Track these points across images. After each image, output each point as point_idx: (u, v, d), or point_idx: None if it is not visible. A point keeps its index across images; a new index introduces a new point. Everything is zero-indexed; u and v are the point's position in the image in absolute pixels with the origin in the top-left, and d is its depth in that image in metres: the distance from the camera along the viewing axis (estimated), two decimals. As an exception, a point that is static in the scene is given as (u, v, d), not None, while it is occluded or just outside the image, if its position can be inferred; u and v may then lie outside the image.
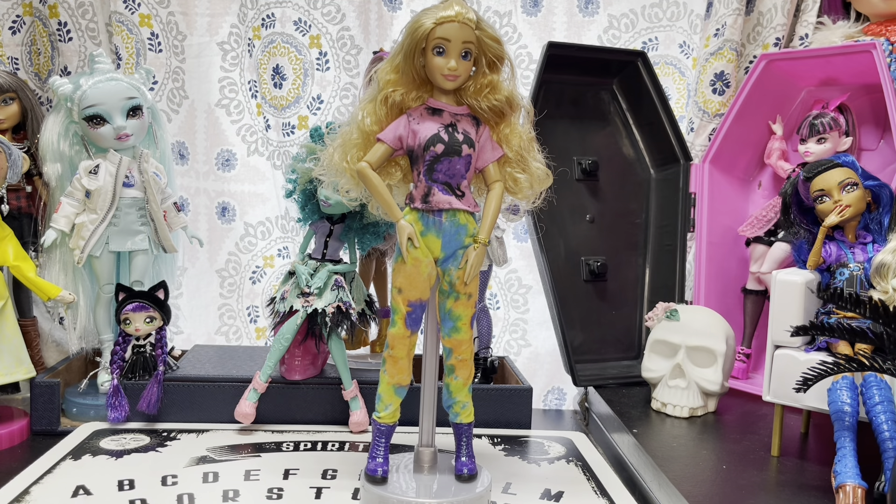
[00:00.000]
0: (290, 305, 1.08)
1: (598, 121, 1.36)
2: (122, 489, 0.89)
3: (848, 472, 0.82)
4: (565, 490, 0.93)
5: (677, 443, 1.03)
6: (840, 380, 0.88)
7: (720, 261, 1.36)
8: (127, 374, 1.12)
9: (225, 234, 1.52)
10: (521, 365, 1.50)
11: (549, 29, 1.51)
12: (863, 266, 0.95)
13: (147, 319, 1.13)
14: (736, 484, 0.90)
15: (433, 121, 0.82)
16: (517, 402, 1.14)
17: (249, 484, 0.91)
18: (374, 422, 0.88)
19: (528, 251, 1.50)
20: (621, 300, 1.36)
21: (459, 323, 0.85)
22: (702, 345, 1.13)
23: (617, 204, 1.37)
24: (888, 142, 1.22)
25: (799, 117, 1.27)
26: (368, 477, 0.86)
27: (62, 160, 1.16)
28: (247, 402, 1.08)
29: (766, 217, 1.29)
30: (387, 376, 0.86)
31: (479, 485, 0.87)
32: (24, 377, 1.10)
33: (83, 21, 1.37)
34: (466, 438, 0.89)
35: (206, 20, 1.45)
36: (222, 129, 1.49)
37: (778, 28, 1.40)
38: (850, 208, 0.95)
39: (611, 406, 1.16)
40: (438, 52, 0.79)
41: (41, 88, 1.40)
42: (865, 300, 0.73)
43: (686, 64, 1.53)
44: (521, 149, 0.85)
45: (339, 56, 1.51)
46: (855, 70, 1.19)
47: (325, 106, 1.52)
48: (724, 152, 1.33)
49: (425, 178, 0.82)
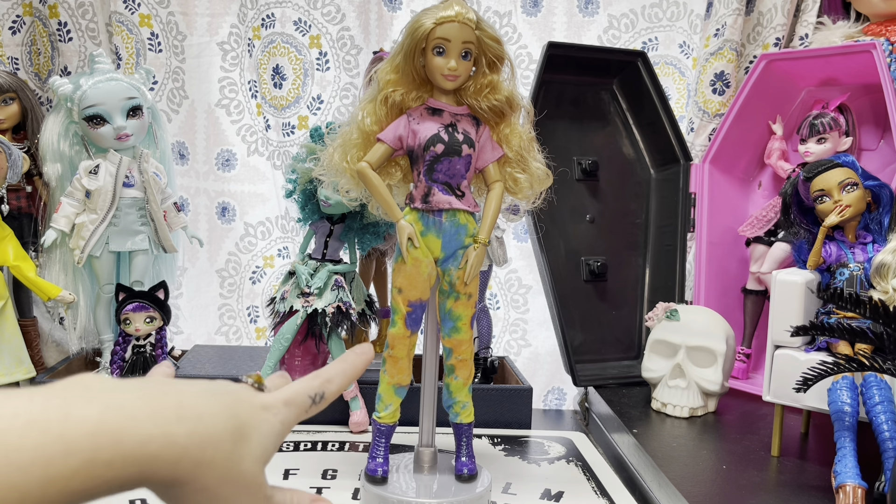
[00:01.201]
0: (290, 305, 1.08)
1: (598, 121, 1.36)
2: (122, 489, 0.89)
3: (848, 472, 0.82)
4: (565, 490, 0.93)
5: (677, 443, 1.03)
6: (840, 380, 0.88)
7: (720, 261, 1.36)
8: (127, 374, 1.12)
9: (225, 234, 1.52)
10: (521, 365, 1.50)
11: (549, 29, 1.51)
12: (863, 266, 0.95)
13: (147, 319, 1.13)
14: (736, 484, 0.90)
15: (433, 121, 0.82)
16: (517, 402, 1.14)
17: (249, 484, 0.91)
18: (374, 422, 0.88)
19: (528, 251, 1.50)
20: (621, 300, 1.36)
21: (459, 323, 0.85)
22: (702, 345, 1.13)
23: (617, 204, 1.37)
24: (888, 142, 1.22)
25: (799, 117, 1.27)
26: (368, 477, 0.86)
27: (62, 160, 1.16)
28: (247, 402, 1.07)
29: (766, 217, 1.29)
30: (387, 376, 0.86)
31: (480, 485, 0.87)
32: (24, 377, 1.10)
33: (83, 21, 1.37)
34: (466, 438, 0.89)
35: (206, 20, 1.45)
36: (222, 129, 1.49)
37: (778, 28, 1.40)
38: (850, 208, 0.95)
39: (611, 406, 1.16)
40: (438, 52, 0.79)
41: (41, 88, 1.40)
42: (865, 300, 0.73)
43: (686, 64, 1.53)
44: (521, 149, 0.85)
45: (339, 56, 1.51)
46: (855, 70, 1.19)
47: (325, 106, 1.52)
48: (724, 152, 1.33)
49: (425, 178, 0.82)
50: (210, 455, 0.36)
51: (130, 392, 0.35)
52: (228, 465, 0.38)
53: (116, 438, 0.32)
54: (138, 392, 0.35)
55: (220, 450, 0.37)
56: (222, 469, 0.37)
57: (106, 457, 0.32)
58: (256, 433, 0.40)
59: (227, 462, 0.37)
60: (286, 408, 0.42)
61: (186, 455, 0.35)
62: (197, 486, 0.36)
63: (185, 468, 0.35)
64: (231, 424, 0.38)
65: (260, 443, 0.40)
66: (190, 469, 0.36)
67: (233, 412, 0.38)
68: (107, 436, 0.32)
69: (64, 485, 0.31)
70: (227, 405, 0.38)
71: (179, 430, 0.35)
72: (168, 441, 0.34)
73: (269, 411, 0.41)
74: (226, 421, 0.38)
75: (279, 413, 0.41)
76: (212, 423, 0.37)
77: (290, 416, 0.43)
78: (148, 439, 0.33)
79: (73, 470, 0.31)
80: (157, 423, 0.34)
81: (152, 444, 0.34)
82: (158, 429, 0.34)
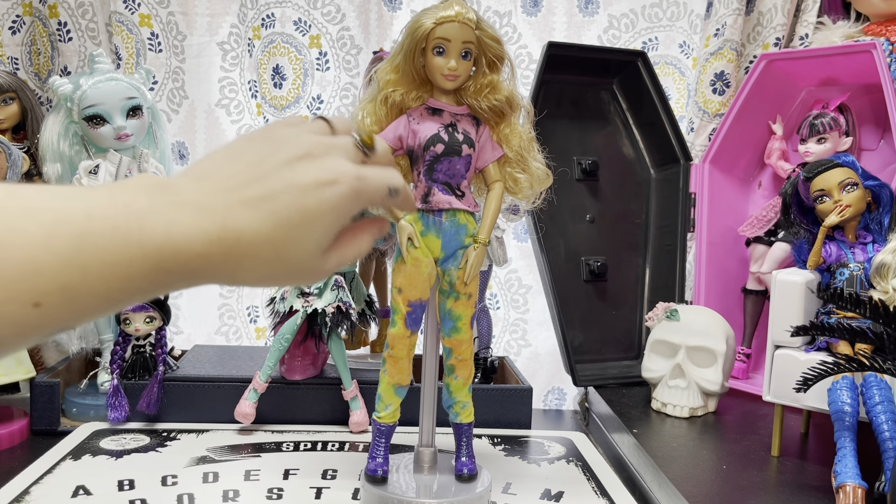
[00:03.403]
0: (289, 305, 1.08)
1: (598, 121, 1.36)
2: (122, 489, 0.89)
3: (848, 472, 0.82)
4: (565, 490, 0.93)
5: (677, 443, 1.03)
6: (840, 380, 0.88)
7: (720, 261, 1.36)
8: (127, 374, 1.12)
9: (225, 234, 1.52)
10: (521, 365, 1.50)
11: (549, 29, 1.51)
12: (863, 266, 0.95)
13: (147, 319, 1.13)
14: (736, 484, 0.90)
15: (433, 121, 0.82)
16: (517, 402, 1.14)
17: (249, 484, 0.91)
18: (374, 422, 0.88)
19: (528, 251, 1.50)
20: (621, 300, 1.36)
21: (459, 323, 0.85)
22: (702, 345, 1.13)
23: (617, 204, 1.37)
24: (888, 142, 1.22)
25: (799, 117, 1.27)
26: (368, 477, 0.86)
27: (62, 160, 1.16)
28: (247, 402, 1.08)
29: (767, 217, 1.29)
30: (387, 376, 0.86)
31: (479, 485, 0.87)
32: (24, 377, 1.10)
33: (83, 21, 1.37)
34: (466, 438, 0.89)
35: (206, 20, 1.45)
36: (222, 129, 1.49)
37: (778, 28, 1.40)
38: (850, 208, 0.95)
39: (611, 406, 1.16)
40: (438, 52, 0.79)
41: (41, 88, 1.40)
42: (865, 300, 0.73)
43: (686, 64, 1.53)
44: (521, 149, 0.85)
45: (339, 56, 1.51)
46: (855, 70, 1.19)
47: (325, 106, 1.52)
48: (724, 152, 1.33)
49: (425, 178, 0.82)
50: (262, 253, 0.44)
51: (189, 211, 0.41)
52: (281, 257, 0.45)
53: (177, 252, 0.40)
54: (197, 208, 0.42)
55: (270, 250, 0.44)
56: (273, 257, 0.44)
57: (169, 266, 0.40)
58: (310, 230, 0.45)
59: (279, 255, 0.44)
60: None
61: (241, 258, 0.43)
62: (247, 268, 0.44)
63: (235, 271, 0.43)
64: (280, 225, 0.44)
65: (313, 233, 0.45)
66: (244, 262, 0.43)
67: (290, 211, 0.44)
68: (170, 251, 0.39)
69: (139, 282, 0.39)
70: (285, 204, 0.44)
71: (234, 237, 0.42)
72: (222, 254, 0.42)
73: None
74: (272, 229, 0.43)
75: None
76: (259, 228, 0.43)
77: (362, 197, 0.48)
78: (198, 255, 0.41)
79: (145, 271, 0.39)
80: (209, 241, 0.41)
81: (202, 259, 0.41)
82: (211, 246, 0.41)
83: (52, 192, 0.38)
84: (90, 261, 0.37)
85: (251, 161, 0.45)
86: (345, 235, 0.49)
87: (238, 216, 0.42)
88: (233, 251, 0.42)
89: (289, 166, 0.44)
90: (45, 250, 0.36)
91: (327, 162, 0.46)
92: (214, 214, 0.41)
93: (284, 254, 0.44)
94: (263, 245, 0.43)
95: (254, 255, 0.43)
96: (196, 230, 0.40)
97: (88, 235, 0.37)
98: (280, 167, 0.44)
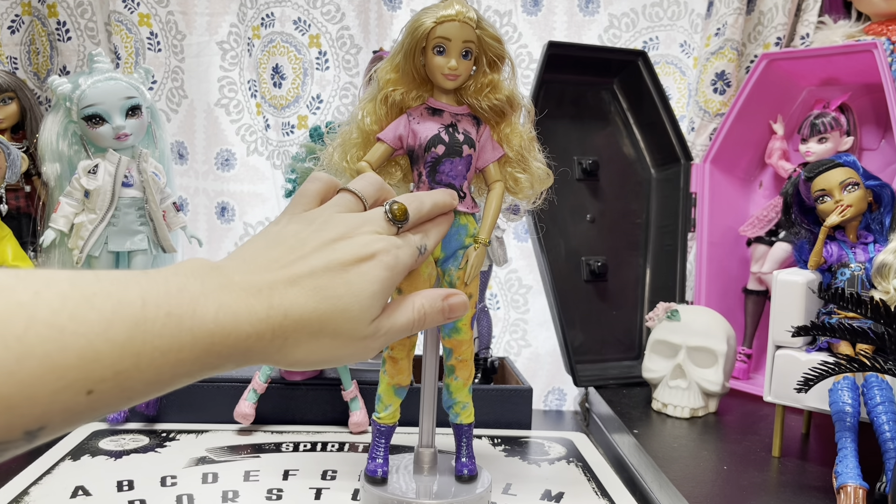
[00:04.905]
0: (289, 305, 1.07)
1: (598, 120, 1.36)
2: (121, 490, 0.88)
3: (849, 472, 0.81)
4: (566, 491, 0.92)
5: (678, 443, 1.03)
6: (841, 380, 0.88)
7: (721, 261, 1.35)
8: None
9: (224, 233, 1.52)
10: (522, 365, 1.50)
11: (550, 28, 1.51)
12: (864, 266, 0.95)
13: (146, 319, 1.13)
14: (737, 484, 0.90)
15: (433, 121, 0.82)
16: (517, 403, 1.14)
17: (249, 485, 0.91)
18: (374, 422, 0.88)
19: (528, 251, 1.50)
20: (622, 300, 1.36)
21: (460, 323, 0.85)
22: (703, 345, 1.13)
23: (617, 204, 1.37)
24: (889, 141, 1.22)
25: (800, 117, 1.26)
26: (368, 478, 0.86)
27: (61, 160, 1.15)
28: (246, 402, 1.07)
29: (767, 217, 1.29)
30: (386, 377, 0.86)
31: (480, 485, 0.87)
32: (23, 377, 1.09)
33: (82, 20, 1.36)
34: (466, 439, 0.89)
35: (206, 20, 1.45)
36: (221, 128, 1.49)
37: (779, 27, 1.40)
38: (851, 208, 0.94)
39: (611, 406, 1.16)
40: (439, 52, 0.79)
41: (40, 88, 1.40)
42: (867, 300, 0.73)
43: (687, 63, 1.52)
44: (521, 148, 0.85)
45: (339, 55, 1.50)
46: (856, 69, 1.18)
47: (324, 105, 1.52)
48: (724, 152, 1.33)
49: (428, 179, 0.82)
50: (307, 332, 0.46)
51: (237, 292, 0.43)
52: (327, 334, 0.47)
53: (226, 335, 0.41)
54: (244, 289, 0.43)
55: (317, 329, 0.46)
56: (318, 334, 0.46)
57: (219, 349, 0.41)
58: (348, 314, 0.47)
59: (325, 334, 0.47)
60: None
61: (288, 333, 0.45)
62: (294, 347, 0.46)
63: (283, 347, 0.45)
64: (327, 311, 0.46)
65: (358, 303, 0.48)
66: (291, 336, 0.45)
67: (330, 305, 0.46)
68: (220, 334, 0.41)
69: (189, 366, 0.40)
70: (324, 297, 0.46)
71: (277, 322, 0.44)
72: (270, 331, 0.44)
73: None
74: (318, 302, 0.46)
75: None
76: (304, 311, 0.45)
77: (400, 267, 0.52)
78: (248, 336, 0.42)
79: (196, 355, 0.40)
80: (257, 320, 0.43)
81: (251, 339, 0.43)
82: (259, 324, 0.43)
83: (111, 277, 0.38)
84: (144, 347, 0.37)
85: (292, 245, 0.48)
86: (395, 304, 0.53)
87: (283, 293, 0.44)
88: (280, 328, 0.44)
89: (328, 247, 0.48)
90: (103, 338, 0.36)
91: (363, 239, 0.49)
92: (260, 293, 0.43)
93: (331, 326, 0.46)
94: (310, 318, 0.45)
95: (301, 329, 0.45)
96: (245, 310, 0.42)
97: (143, 322, 0.37)
98: (320, 248, 0.48)
